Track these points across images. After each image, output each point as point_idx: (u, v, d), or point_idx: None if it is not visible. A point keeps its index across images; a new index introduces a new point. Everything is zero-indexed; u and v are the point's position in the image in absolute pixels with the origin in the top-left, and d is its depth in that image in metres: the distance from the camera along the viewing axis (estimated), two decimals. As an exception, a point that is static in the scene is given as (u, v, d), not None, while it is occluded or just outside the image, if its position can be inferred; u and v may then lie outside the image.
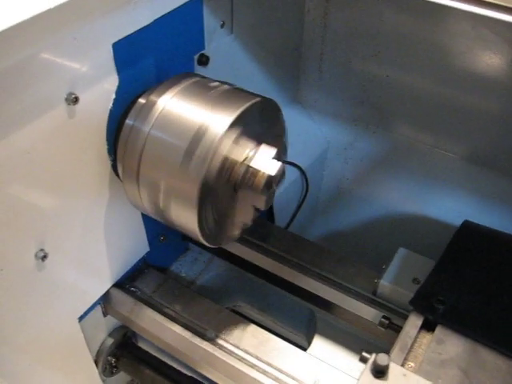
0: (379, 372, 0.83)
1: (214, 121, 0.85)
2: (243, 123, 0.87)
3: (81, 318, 1.10)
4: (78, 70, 0.84)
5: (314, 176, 1.69)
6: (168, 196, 0.88)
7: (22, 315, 0.94)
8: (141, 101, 0.93)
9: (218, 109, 0.86)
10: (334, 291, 1.18)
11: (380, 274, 1.13)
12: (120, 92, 0.93)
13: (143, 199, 0.93)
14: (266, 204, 0.93)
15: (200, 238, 0.92)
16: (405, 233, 1.59)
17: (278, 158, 0.94)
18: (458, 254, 1.11)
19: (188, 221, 0.89)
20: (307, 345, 1.33)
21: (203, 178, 0.84)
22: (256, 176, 0.90)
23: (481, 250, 1.13)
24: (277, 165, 0.91)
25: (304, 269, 1.22)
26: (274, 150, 0.93)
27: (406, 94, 1.52)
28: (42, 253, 0.91)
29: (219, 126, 0.84)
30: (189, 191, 0.85)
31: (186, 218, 0.88)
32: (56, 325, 1.04)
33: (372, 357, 0.84)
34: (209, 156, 0.83)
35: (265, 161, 0.91)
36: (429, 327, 0.99)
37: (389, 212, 1.65)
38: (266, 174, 0.89)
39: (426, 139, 1.57)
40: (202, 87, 0.92)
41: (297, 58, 1.63)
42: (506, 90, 1.35)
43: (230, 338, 1.06)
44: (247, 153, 0.91)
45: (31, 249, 0.89)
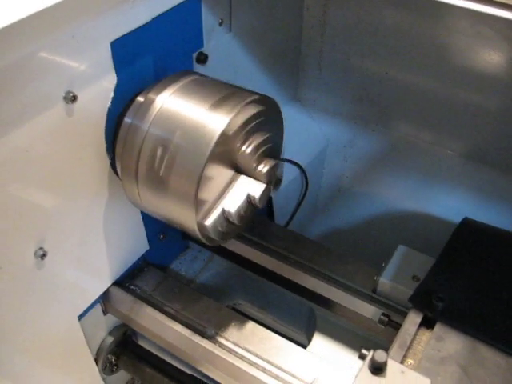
0: (377, 368, 0.83)
1: (212, 119, 0.85)
2: (241, 121, 0.87)
3: (81, 317, 1.10)
4: (76, 69, 0.84)
5: (314, 174, 1.69)
6: (167, 194, 0.88)
7: (21, 313, 0.94)
8: (139, 99, 0.93)
9: (217, 107, 0.86)
10: (333, 289, 1.18)
11: (379, 271, 1.13)
12: (118, 90, 0.93)
13: (142, 197, 0.93)
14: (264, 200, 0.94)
15: (199, 236, 0.92)
16: (404, 230, 1.59)
17: (277, 156, 0.94)
18: (457, 252, 1.11)
19: (187, 219, 0.89)
20: (307, 342, 1.33)
21: (201, 176, 0.84)
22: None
23: (480, 247, 1.13)
24: (261, 186, 0.93)
25: (304, 267, 1.22)
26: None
27: (405, 91, 1.52)
28: (41, 251, 0.91)
29: (217, 124, 0.84)
30: (187, 189, 0.85)
31: (185, 216, 0.88)
32: (56, 323, 1.04)
33: (370, 353, 0.84)
34: (207, 154, 0.83)
35: (250, 182, 0.94)
36: (428, 324, 0.99)
37: (388, 210, 1.65)
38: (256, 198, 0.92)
39: (426, 137, 1.57)
40: (201, 85, 0.92)
41: (296, 56, 1.63)
42: (506, 87, 1.35)
43: (230, 336, 1.07)
44: (245, 150, 0.91)
45: (30, 247, 0.90)
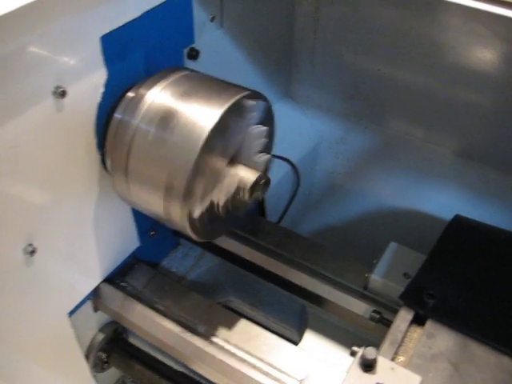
0: (367, 366, 0.83)
1: (202, 114, 0.84)
2: (232, 117, 0.87)
3: (71, 314, 1.09)
4: (66, 63, 0.83)
5: (306, 170, 1.68)
6: (157, 190, 0.87)
7: (10, 311, 0.93)
8: (130, 94, 0.92)
9: (207, 102, 0.85)
10: (325, 286, 1.18)
11: (371, 268, 1.13)
12: (109, 85, 0.92)
13: (132, 193, 0.92)
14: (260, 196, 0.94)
15: (190, 232, 0.92)
16: (396, 227, 1.59)
17: (267, 151, 0.94)
18: (448, 249, 1.11)
19: (176, 215, 0.88)
20: (299, 339, 1.33)
21: (192, 171, 0.83)
22: (240, 187, 0.92)
23: (471, 244, 1.13)
24: (255, 174, 0.92)
25: (295, 263, 1.22)
26: (262, 144, 0.93)
27: (397, 88, 1.51)
28: (30, 248, 0.90)
29: (208, 119, 0.83)
30: (177, 185, 0.84)
31: (175, 213, 0.88)
32: (45, 320, 1.03)
33: (360, 350, 0.84)
34: (198, 149, 0.82)
35: (245, 170, 0.92)
36: (419, 321, 0.98)
37: (380, 206, 1.65)
38: (248, 184, 0.91)
39: (418, 133, 1.57)
40: (192, 81, 0.92)
41: (288, 52, 1.63)
42: (498, 84, 1.35)
43: (221, 333, 1.06)
44: (236, 147, 0.90)
45: (19, 244, 0.89)
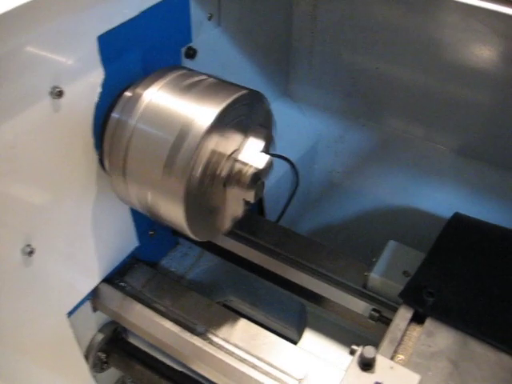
0: (366, 364, 0.83)
1: (200, 113, 0.84)
2: (230, 116, 0.86)
3: (70, 314, 1.09)
4: (63, 63, 0.83)
5: (305, 169, 1.68)
6: (155, 190, 0.87)
7: (9, 311, 0.93)
8: (127, 94, 0.92)
9: (205, 101, 0.85)
10: (324, 285, 1.17)
11: (370, 266, 1.13)
12: (106, 85, 0.92)
13: (130, 193, 0.92)
14: (255, 196, 0.93)
15: (188, 232, 0.92)
16: (395, 225, 1.59)
17: (266, 151, 0.93)
18: (448, 247, 1.11)
19: (176, 215, 0.88)
20: (298, 338, 1.33)
21: (190, 171, 0.83)
22: (243, 170, 0.89)
23: (471, 242, 1.13)
24: (265, 158, 0.90)
25: (294, 262, 1.22)
26: (262, 143, 0.92)
27: (396, 86, 1.51)
28: (28, 248, 0.90)
29: (206, 118, 0.83)
30: (176, 185, 0.84)
31: (174, 213, 0.88)
32: (45, 320, 1.03)
33: (359, 349, 0.84)
34: (195, 149, 0.82)
35: (252, 154, 0.90)
36: (419, 320, 0.98)
37: (379, 205, 1.65)
38: (253, 168, 0.89)
39: (417, 132, 1.57)
40: (189, 80, 0.91)
41: (286, 51, 1.62)
42: (496, 81, 1.35)
43: (220, 332, 1.06)
44: (234, 146, 0.90)
45: (18, 244, 0.88)
